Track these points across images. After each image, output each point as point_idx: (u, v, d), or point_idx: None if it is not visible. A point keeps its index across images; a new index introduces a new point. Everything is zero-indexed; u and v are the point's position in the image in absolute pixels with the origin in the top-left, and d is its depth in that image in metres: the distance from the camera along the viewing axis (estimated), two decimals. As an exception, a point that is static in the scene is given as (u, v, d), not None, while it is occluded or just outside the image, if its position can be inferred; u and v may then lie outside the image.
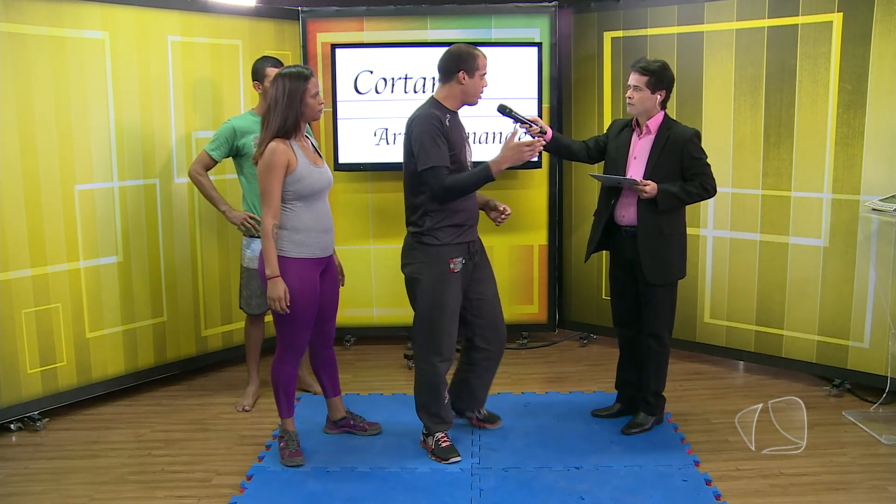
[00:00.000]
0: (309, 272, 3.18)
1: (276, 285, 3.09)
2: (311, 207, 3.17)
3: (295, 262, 3.14)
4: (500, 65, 4.40)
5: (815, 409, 3.78)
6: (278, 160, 3.05)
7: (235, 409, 3.98)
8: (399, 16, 4.68)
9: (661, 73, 3.37)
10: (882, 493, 3.05)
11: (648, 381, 3.55)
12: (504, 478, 3.19)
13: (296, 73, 3.09)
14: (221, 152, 3.80)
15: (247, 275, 3.94)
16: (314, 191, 3.16)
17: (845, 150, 3.87)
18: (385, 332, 4.98)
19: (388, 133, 4.46)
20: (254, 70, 3.83)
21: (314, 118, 3.19)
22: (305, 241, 3.16)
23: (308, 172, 3.13)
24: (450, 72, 3.26)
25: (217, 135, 3.81)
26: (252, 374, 4.07)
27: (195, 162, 3.84)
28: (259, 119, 3.81)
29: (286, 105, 3.06)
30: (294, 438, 3.38)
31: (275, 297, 3.09)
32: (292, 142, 3.12)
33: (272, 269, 3.09)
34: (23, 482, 3.26)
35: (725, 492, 3.05)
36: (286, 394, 3.33)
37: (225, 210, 3.84)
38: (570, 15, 4.72)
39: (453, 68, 3.24)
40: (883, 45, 3.69)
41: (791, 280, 4.12)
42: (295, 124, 3.10)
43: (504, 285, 4.90)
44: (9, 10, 3.54)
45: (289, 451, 3.34)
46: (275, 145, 3.06)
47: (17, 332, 3.68)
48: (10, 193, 3.61)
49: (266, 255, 3.10)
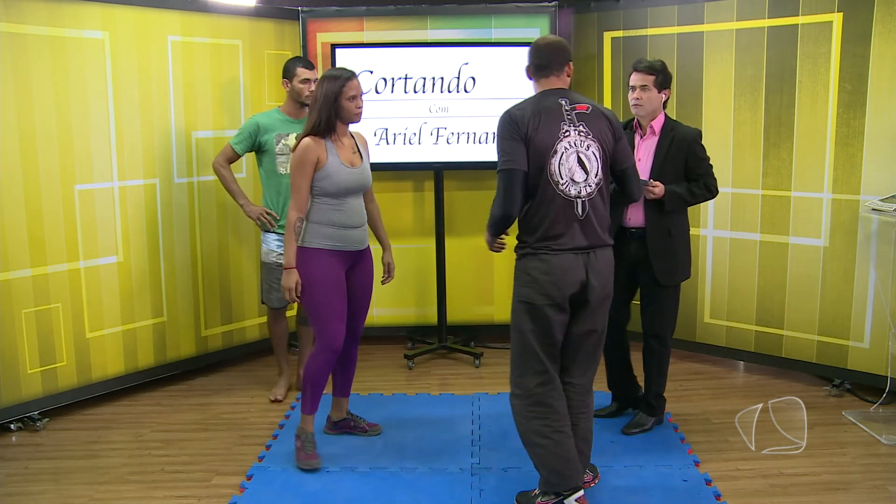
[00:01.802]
0: (330, 262, 3.22)
1: (290, 275, 3.18)
2: (340, 204, 3.21)
3: (316, 252, 3.21)
4: (500, 65, 4.40)
5: (815, 409, 3.78)
6: (307, 157, 3.13)
7: (269, 398, 4.06)
8: (399, 16, 4.68)
9: (665, 72, 3.39)
10: (882, 493, 3.05)
11: (650, 382, 3.55)
12: (504, 478, 3.19)
13: (334, 76, 3.18)
14: (244, 146, 3.89)
15: (266, 269, 4.00)
16: (341, 189, 3.20)
17: (845, 150, 3.87)
18: (385, 332, 4.98)
19: (388, 133, 4.46)
20: (284, 68, 3.92)
21: (352, 120, 3.23)
22: (328, 234, 3.21)
23: (336, 171, 3.17)
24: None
25: (241, 129, 3.91)
26: (282, 365, 4.16)
27: (219, 154, 3.94)
28: (285, 117, 3.90)
29: (322, 105, 3.14)
30: (311, 440, 3.34)
31: (286, 287, 3.19)
32: (328, 140, 3.18)
33: (288, 260, 3.18)
34: (23, 482, 3.26)
35: (725, 492, 3.05)
36: (313, 389, 3.31)
37: (243, 204, 3.93)
38: (570, 15, 4.72)
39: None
40: (883, 45, 3.69)
41: (791, 280, 4.12)
42: (328, 124, 3.16)
43: (504, 285, 4.91)
44: (9, 10, 3.54)
45: (304, 454, 3.30)
46: (307, 142, 3.15)
47: (17, 332, 3.68)
48: (10, 193, 3.61)
49: (286, 246, 3.19)
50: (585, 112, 2.76)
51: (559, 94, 2.79)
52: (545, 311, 2.74)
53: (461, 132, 4.45)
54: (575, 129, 2.73)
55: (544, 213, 2.72)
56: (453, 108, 4.43)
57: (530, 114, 2.71)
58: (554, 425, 2.78)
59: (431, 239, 4.69)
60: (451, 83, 4.42)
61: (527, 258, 2.78)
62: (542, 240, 2.73)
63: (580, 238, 2.74)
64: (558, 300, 2.73)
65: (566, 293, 2.73)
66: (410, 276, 4.89)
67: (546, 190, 2.71)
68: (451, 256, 4.74)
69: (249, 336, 4.65)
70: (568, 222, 2.73)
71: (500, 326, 4.95)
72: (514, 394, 2.85)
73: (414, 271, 4.88)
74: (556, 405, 2.79)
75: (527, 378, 2.80)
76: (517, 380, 2.83)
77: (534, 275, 2.74)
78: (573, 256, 2.74)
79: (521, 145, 2.69)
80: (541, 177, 2.71)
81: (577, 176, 2.73)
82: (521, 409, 2.82)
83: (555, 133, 2.70)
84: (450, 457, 3.38)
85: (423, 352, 4.67)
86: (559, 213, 2.72)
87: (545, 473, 2.83)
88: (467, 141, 4.45)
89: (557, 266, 2.72)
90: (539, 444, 2.80)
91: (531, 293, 2.74)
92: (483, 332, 4.96)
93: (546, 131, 2.70)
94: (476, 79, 4.41)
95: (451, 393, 4.14)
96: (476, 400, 4.02)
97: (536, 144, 2.69)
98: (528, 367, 2.80)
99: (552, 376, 2.80)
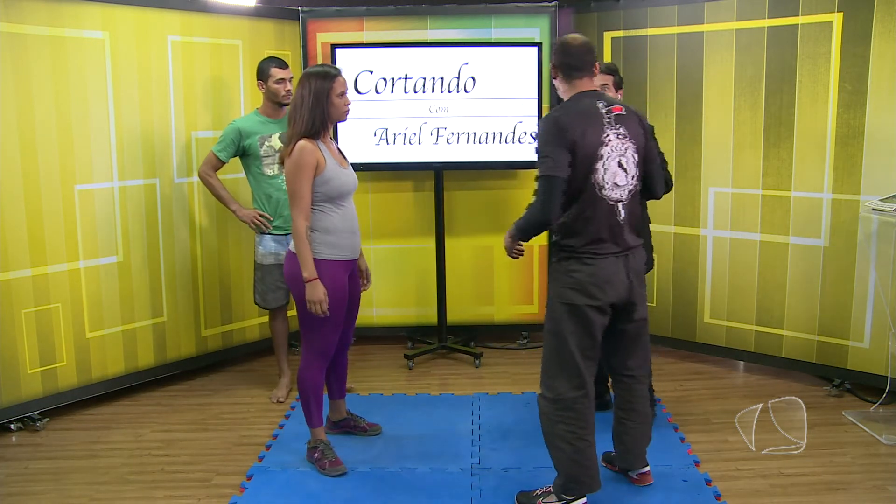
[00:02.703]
0: (340, 274, 3.14)
1: (316, 288, 3.02)
2: (340, 209, 3.13)
3: (328, 264, 3.09)
4: (500, 65, 4.40)
5: (815, 409, 3.78)
6: (307, 160, 3.00)
7: (270, 400, 4.05)
8: (399, 16, 4.68)
9: (619, 73, 3.46)
10: (882, 493, 3.05)
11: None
12: (504, 478, 3.19)
13: (322, 73, 3.05)
14: (228, 153, 3.88)
15: (260, 271, 3.99)
16: (342, 192, 3.12)
17: (845, 150, 3.86)
18: (385, 332, 4.98)
19: (388, 133, 4.46)
20: (258, 69, 3.89)
21: (340, 119, 3.14)
22: (337, 243, 3.11)
23: (336, 174, 3.09)
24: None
25: (223, 136, 3.88)
26: (283, 366, 4.15)
27: (204, 163, 3.91)
28: (264, 119, 3.87)
29: (312, 104, 3.02)
30: (329, 446, 3.29)
31: (315, 301, 3.03)
32: (319, 142, 3.08)
33: (310, 272, 3.02)
34: (23, 482, 3.26)
35: (725, 492, 3.05)
36: (316, 402, 3.27)
37: (235, 209, 3.93)
38: (570, 15, 4.72)
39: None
40: (883, 45, 3.69)
41: (791, 280, 4.12)
42: (322, 124, 3.06)
43: (504, 285, 4.91)
44: (9, 10, 3.54)
45: (328, 461, 3.24)
46: (303, 144, 3.01)
47: (17, 332, 3.68)
48: (10, 193, 3.61)
49: (302, 257, 3.03)
50: (622, 114, 2.75)
51: (594, 97, 2.77)
52: (587, 312, 2.75)
53: (461, 132, 4.45)
54: (615, 133, 2.72)
55: (588, 217, 2.71)
56: (453, 108, 4.43)
57: (575, 119, 2.67)
58: (579, 432, 2.79)
59: (431, 239, 4.69)
60: (451, 83, 4.42)
61: (569, 261, 2.76)
62: (586, 244, 2.73)
63: (621, 241, 2.76)
64: (601, 302, 2.75)
65: (609, 298, 2.75)
66: (410, 276, 4.89)
67: (590, 195, 2.70)
68: (451, 256, 4.73)
69: (249, 336, 4.65)
70: (611, 227, 2.74)
71: (500, 326, 4.96)
72: (544, 396, 2.85)
73: (414, 271, 4.88)
74: (584, 413, 2.80)
75: (559, 382, 2.80)
76: (549, 382, 2.84)
77: (577, 276, 2.74)
78: (614, 259, 2.76)
79: (566, 152, 2.64)
80: (586, 182, 2.69)
81: (619, 180, 2.73)
82: (548, 411, 2.83)
83: (599, 138, 2.68)
84: (450, 457, 3.38)
85: (423, 352, 4.67)
86: (602, 218, 2.72)
87: (562, 477, 2.85)
88: (467, 141, 4.45)
89: (601, 269, 2.73)
90: (561, 449, 2.81)
91: (574, 294, 2.74)
92: (483, 332, 4.96)
93: (591, 137, 2.67)
94: (476, 79, 4.41)
95: (451, 393, 4.14)
96: (476, 400, 4.02)
97: (583, 150, 2.66)
98: (563, 372, 2.80)
99: (585, 381, 2.80)
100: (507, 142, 4.45)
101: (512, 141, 4.44)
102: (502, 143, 4.45)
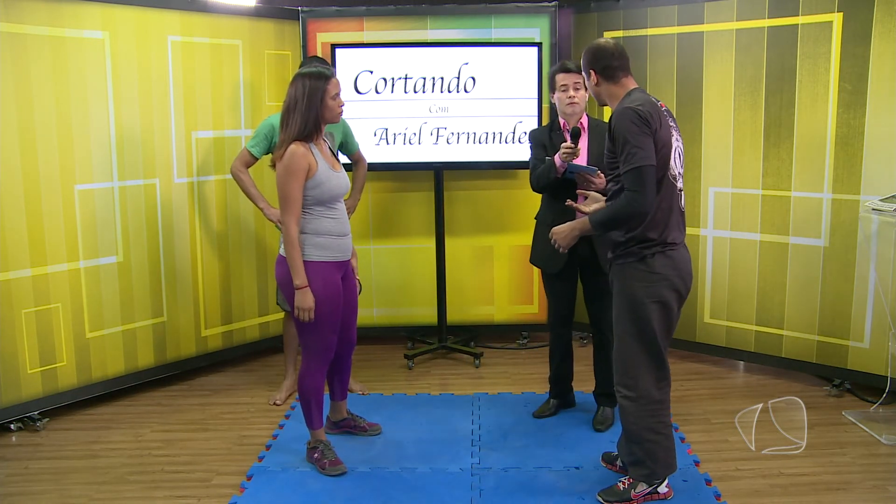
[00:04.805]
0: (332, 275, 3.14)
1: (306, 296, 3.03)
2: (331, 212, 3.12)
3: (318, 265, 3.09)
4: (500, 65, 4.40)
5: (815, 409, 3.78)
6: (298, 164, 2.97)
7: (269, 402, 4.03)
8: (399, 16, 4.68)
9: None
10: (882, 493, 3.05)
11: (613, 374, 3.54)
12: (504, 478, 3.19)
13: (316, 73, 3.02)
14: (261, 149, 3.83)
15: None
16: (333, 196, 3.11)
17: (845, 150, 3.87)
18: (385, 332, 4.98)
19: (388, 133, 4.46)
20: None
21: (334, 120, 3.11)
22: (327, 245, 3.11)
23: (327, 177, 3.06)
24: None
25: (257, 132, 3.84)
26: (289, 369, 4.13)
27: (236, 159, 3.85)
28: None
29: (306, 106, 2.98)
30: (330, 447, 3.30)
31: (304, 308, 3.04)
32: (312, 145, 3.06)
33: (301, 279, 3.02)
34: (23, 482, 3.26)
35: (725, 492, 3.05)
36: (317, 405, 3.27)
37: (263, 207, 3.86)
38: (570, 15, 4.72)
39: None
40: (883, 45, 3.69)
41: (791, 280, 4.12)
42: (315, 126, 3.03)
43: (504, 285, 4.92)
44: (9, 10, 3.54)
45: (328, 461, 3.25)
46: (294, 148, 2.98)
47: (17, 332, 3.68)
48: (10, 193, 3.61)
49: (292, 263, 3.02)
50: (666, 109, 2.84)
51: (645, 92, 2.83)
52: (674, 307, 2.80)
53: (461, 132, 4.45)
54: (674, 125, 2.81)
55: (667, 207, 2.75)
56: (453, 108, 4.43)
57: (651, 110, 2.69)
58: (665, 420, 2.88)
59: (431, 239, 4.69)
60: (451, 83, 4.42)
61: (654, 257, 2.75)
62: (665, 235, 2.76)
63: (684, 229, 2.85)
64: (684, 294, 2.82)
65: (689, 288, 2.83)
66: (410, 276, 4.89)
67: (667, 185, 2.74)
68: (451, 256, 4.73)
69: (249, 336, 4.64)
70: (680, 216, 2.81)
71: (500, 326, 4.96)
72: (627, 396, 2.86)
73: (414, 271, 4.88)
74: (666, 398, 2.89)
75: (644, 381, 2.83)
76: (630, 382, 2.85)
77: (663, 272, 2.76)
78: (684, 249, 2.83)
79: (651, 141, 2.66)
80: (665, 173, 2.73)
81: (680, 170, 2.81)
82: (634, 409, 2.85)
83: (669, 129, 2.75)
84: (450, 457, 3.38)
85: (423, 352, 4.67)
86: (675, 207, 2.78)
87: (653, 466, 2.89)
88: (467, 141, 4.45)
89: (681, 261, 2.80)
90: (652, 441, 2.86)
91: (664, 291, 2.76)
92: (483, 332, 4.96)
93: (664, 127, 2.72)
94: (476, 79, 4.41)
95: (451, 393, 4.14)
96: (476, 400, 4.02)
97: (662, 140, 2.70)
98: (650, 368, 2.83)
99: (667, 371, 2.88)
100: (507, 142, 4.45)
101: (512, 141, 4.45)
102: (502, 143, 4.45)
